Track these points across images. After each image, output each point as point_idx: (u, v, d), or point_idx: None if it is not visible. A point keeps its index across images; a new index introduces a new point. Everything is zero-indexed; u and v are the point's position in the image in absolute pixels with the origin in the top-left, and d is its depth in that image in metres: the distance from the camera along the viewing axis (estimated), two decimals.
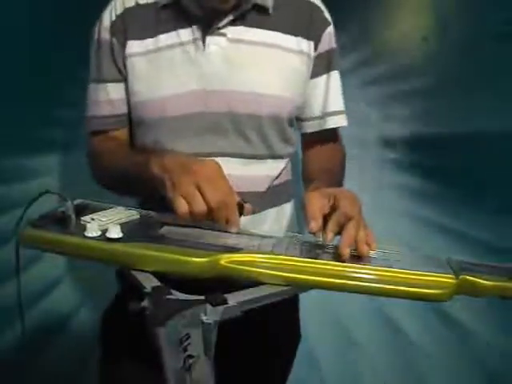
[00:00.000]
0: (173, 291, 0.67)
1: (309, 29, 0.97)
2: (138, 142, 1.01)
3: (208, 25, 0.93)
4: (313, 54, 0.99)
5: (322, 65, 1.00)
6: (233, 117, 0.94)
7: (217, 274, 0.71)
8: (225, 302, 0.66)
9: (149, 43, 0.95)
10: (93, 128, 1.02)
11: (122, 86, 0.98)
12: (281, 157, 1.01)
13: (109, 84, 0.98)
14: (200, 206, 0.74)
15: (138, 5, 0.97)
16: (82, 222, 0.77)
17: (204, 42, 0.93)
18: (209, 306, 0.65)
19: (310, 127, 1.05)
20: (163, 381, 0.67)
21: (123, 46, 0.96)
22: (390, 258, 0.74)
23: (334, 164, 1.04)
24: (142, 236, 0.75)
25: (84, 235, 0.74)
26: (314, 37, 0.98)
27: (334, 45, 1.02)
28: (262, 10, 0.95)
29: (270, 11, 0.95)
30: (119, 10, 0.96)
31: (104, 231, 0.74)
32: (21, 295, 0.79)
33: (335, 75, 1.03)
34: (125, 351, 1.01)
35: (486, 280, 0.71)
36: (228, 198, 0.76)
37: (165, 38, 0.94)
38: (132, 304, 0.66)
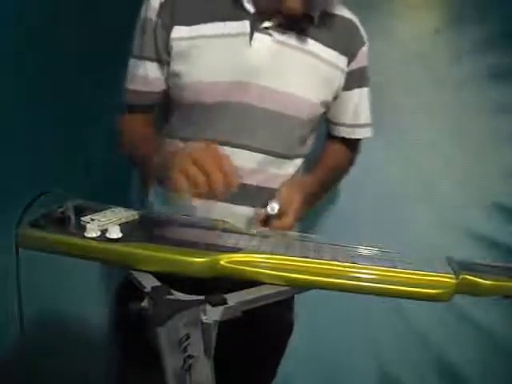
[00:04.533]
0: (173, 291, 0.67)
1: (346, 45, 1.04)
2: (175, 122, 1.04)
3: (257, 22, 0.97)
4: (346, 69, 1.05)
5: (354, 80, 1.07)
6: (265, 112, 0.99)
7: (217, 274, 0.71)
8: (225, 302, 0.66)
9: (195, 30, 0.97)
10: (127, 100, 1.08)
11: (158, 66, 1.02)
12: (298, 157, 1.07)
13: (147, 62, 1.03)
14: (197, 177, 0.77)
15: None
16: (82, 223, 0.77)
17: (251, 37, 0.97)
18: (209, 306, 0.65)
19: (340, 132, 1.14)
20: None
21: (168, 29, 0.98)
22: (391, 257, 0.74)
23: (342, 167, 1.17)
24: (142, 236, 0.75)
25: (84, 235, 0.74)
26: (350, 54, 1.04)
27: (366, 63, 1.08)
28: (308, 18, 0.98)
29: (315, 22, 0.99)
30: None
31: (104, 231, 0.74)
32: (21, 295, 0.79)
33: (366, 90, 1.12)
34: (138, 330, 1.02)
35: (487, 279, 0.71)
36: (223, 162, 0.79)
37: (212, 28, 0.97)
38: (132, 304, 0.67)
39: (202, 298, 0.66)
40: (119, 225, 0.75)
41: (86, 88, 1.49)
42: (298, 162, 1.07)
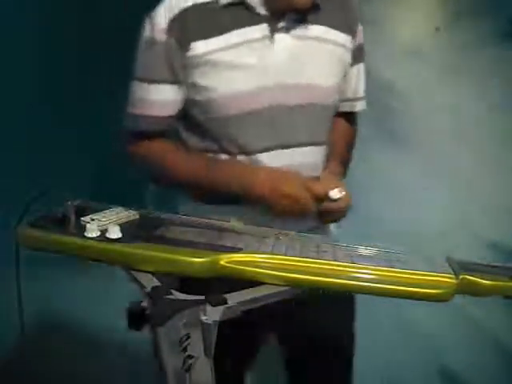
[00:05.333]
0: (173, 291, 0.67)
1: (348, 24, 1.06)
2: (200, 140, 1.03)
3: (274, 23, 0.97)
4: (350, 47, 1.07)
5: (355, 57, 1.10)
6: (299, 108, 1.00)
7: (217, 274, 0.71)
8: (225, 302, 0.66)
9: (214, 42, 0.96)
10: (143, 128, 1.03)
11: (175, 87, 0.99)
12: (325, 143, 1.08)
13: (161, 85, 0.99)
14: (293, 210, 0.90)
15: (195, 4, 0.96)
16: (82, 223, 0.77)
17: (272, 39, 0.97)
18: (209, 306, 0.65)
19: (344, 107, 1.15)
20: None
21: (184, 47, 0.96)
22: (391, 257, 0.74)
23: (352, 142, 1.19)
24: (142, 236, 0.75)
25: (84, 235, 0.74)
26: (352, 32, 1.06)
27: (363, 40, 1.10)
28: (314, 6, 0.99)
29: (320, 7, 1.00)
30: (176, 11, 0.96)
31: (103, 231, 0.74)
32: (21, 295, 0.79)
33: (363, 66, 1.14)
34: None
35: (487, 280, 0.71)
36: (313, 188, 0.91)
37: (231, 36, 0.96)
38: (132, 304, 0.66)
39: (202, 297, 0.66)
40: (119, 225, 0.75)
41: (86, 88, 1.49)
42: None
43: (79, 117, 1.53)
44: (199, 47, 0.96)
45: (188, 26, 0.95)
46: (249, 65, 0.96)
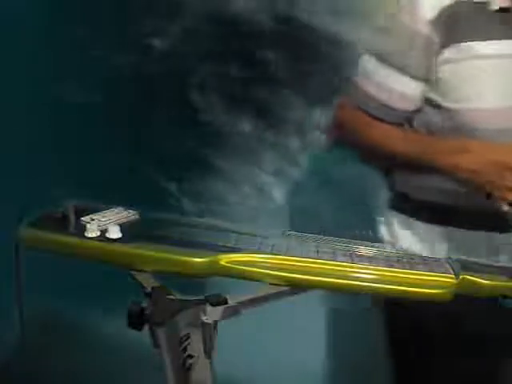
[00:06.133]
0: (173, 291, 0.68)
1: None
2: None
3: None
4: None
5: None
6: None
7: (217, 274, 0.71)
8: (225, 302, 0.66)
9: (473, 47, 0.89)
10: (363, 105, 0.97)
11: (421, 86, 0.93)
12: None
13: (410, 79, 0.93)
14: None
15: (461, 2, 0.89)
16: (82, 223, 0.77)
17: None
18: (209, 306, 0.65)
19: None
20: None
21: (443, 45, 0.89)
22: (391, 257, 0.74)
23: None
24: (142, 236, 0.75)
25: (84, 235, 0.74)
26: None
27: None
28: None
29: None
30: (445, 3, 0.88)
31: (103, 231, 0.74)
32: (21, 295, 0.79)
33: None
34: None
35: (486, 280, 0.71)
36: None
37: (494, 45, 0.89)
38: (132, 304, 0.67)
39: (202, 297, 0.66)
40: (119, 225, 0.75)
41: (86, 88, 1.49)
42: None
43: (79, 117, 1.53)
44: (464, 49, 0.89)
45: (452, 24, 0.88)
46: (504, 79, 0.89)
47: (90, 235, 0.74)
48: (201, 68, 1.48)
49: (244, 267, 0.71)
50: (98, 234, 0.74)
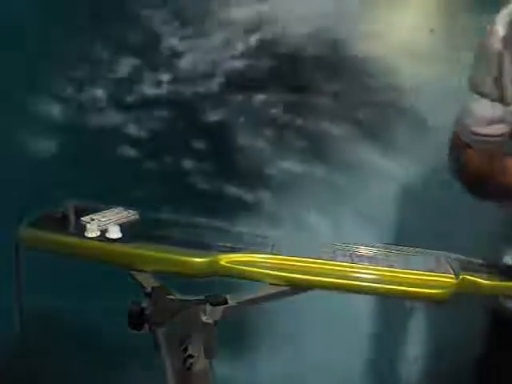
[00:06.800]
0: (173, 291, 0.67)
1: None
2: None
3: None
4: None
5: None
6: None
7: (217, 274, 0.71)
8: (225, 302, 0.66)
9: None
10: (467, 141, 0.96)
11: (499, 105, 0.91)
12: None
13: (487, 100, 0.92)
14: None
15: None
16: (82, 223, 0.77)
17: None
18: (209, 306, 0.65)
19: None
20: None
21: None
22: (391, 257, 0.74)
23: None
24: (142, 236, 0.75)
25: (84, 235, 0.74)
26: None
27: None
28: None
29: None
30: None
31: (103, 231, 0.74)
32: (21, 295, 0.79)
33: None
34: None
35: (486, 280, 0.71)
36: None
37: None
38: (132, 304, 0.66)
39: (201, 297, 0.66)
40: (119, 225, 0.75)
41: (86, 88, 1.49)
42: None
43: (79, 117, 1.53)
44: None
45: None
46: None
47: (89, 235, 0.74)
48: None
49: (244, 267, 0.71)
50: (98, 234, 0.74)
